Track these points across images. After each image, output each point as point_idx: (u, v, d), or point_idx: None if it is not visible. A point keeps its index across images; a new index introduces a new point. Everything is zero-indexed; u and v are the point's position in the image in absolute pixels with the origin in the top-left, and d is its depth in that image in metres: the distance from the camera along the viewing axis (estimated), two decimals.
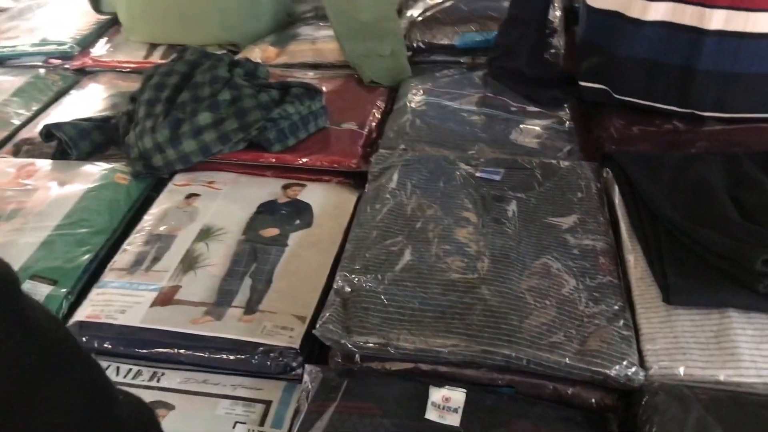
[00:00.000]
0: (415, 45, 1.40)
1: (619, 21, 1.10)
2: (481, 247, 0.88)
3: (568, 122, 1.18)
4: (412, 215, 0.94)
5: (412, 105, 1.22)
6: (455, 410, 0.74)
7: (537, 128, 1.17)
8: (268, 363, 0.82)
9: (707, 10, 1.02)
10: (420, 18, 1.44)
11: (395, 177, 1.01)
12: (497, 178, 1.02)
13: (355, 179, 1.11)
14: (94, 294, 0.92)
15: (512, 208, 0.95)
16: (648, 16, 1.06)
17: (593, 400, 0.75)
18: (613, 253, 0.89)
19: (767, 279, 0.75)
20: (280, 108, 1.13)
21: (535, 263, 0.86)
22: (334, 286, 0.83)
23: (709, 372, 0.73)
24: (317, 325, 0.78)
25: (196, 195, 1.08)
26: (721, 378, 0.72)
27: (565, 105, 1.23)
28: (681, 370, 0.73)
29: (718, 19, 1.02)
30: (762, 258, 0.75)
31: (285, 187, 1.09)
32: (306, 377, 0.78)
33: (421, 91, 1.27)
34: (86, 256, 0.98)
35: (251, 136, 1.11)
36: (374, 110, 1.25)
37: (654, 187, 0.94)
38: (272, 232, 1.00)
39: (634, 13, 1.08)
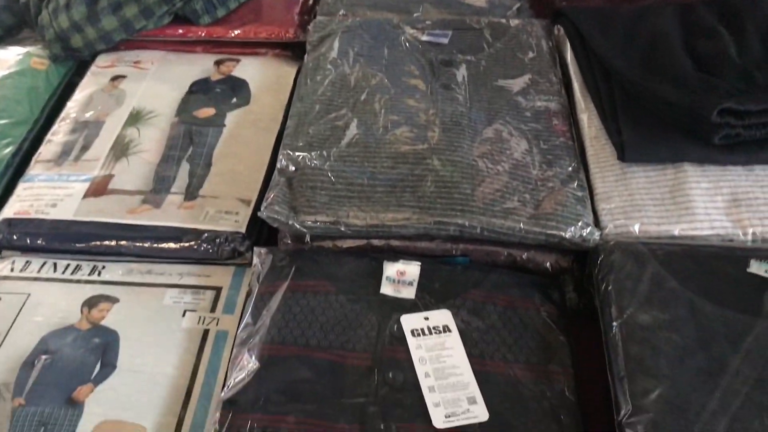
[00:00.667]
0: None
1: None
2: (430, 115, 0.83)
3: None
4: (357, 86, 0.88)
5: None
6: (410, 283, 0.72)
7: None
8: (215, 249, 0.78)
9: None
10: None
11: (336, 45, 0.95)
12: (445, 41, 0.96)
13: (294, 50, 1.04)
14: (21, 189, 0.86)
15: (461, 72, 0.90)
16: None
17: (548, 264, 0.74)
18: (567, 114, 0.86)
19: (722, 130, 0.73)
20: None
21: (486, 129, 0.82)
22: (278, 166, 0.79)
23: (664, 227, 0.72)
24: (262, 207, 0.74)
25: (122, 77, 1.00)
26: (676, 233, 0.72)
27: None
28: (636, 228, 0.72)
29: None
30: (717, 109, 0.72)
31: (217, 63, 1.01)
32: (255, 260, 0.75)
33: None
34: (8, 150, 0.91)
35: (176, 8, 1.01)
36: None
37: (607, 42, 0.89)
38: (208, 112, 0.93)
39: None
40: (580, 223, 0.72)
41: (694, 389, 0.59)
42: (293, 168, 0.78)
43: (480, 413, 0.63)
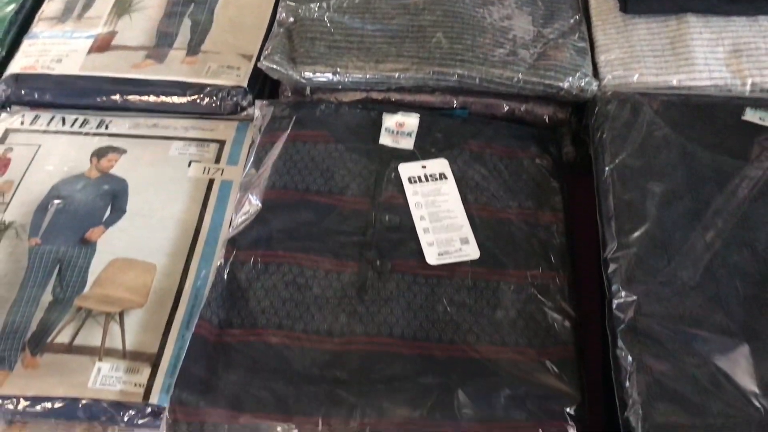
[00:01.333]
0: None
1: None
2: None
3: None
4: None
5: None
6: (409, 134, 0.73)
7: None
8: (217, 103, 0.79)
9: None
10: None
11: None
12: None
13: None
14: (26, 45, 0.87)
15: None
16: None
17: (546, 116, 0.75)
18: None
19: None
20: None
21: None
22: (277, 18, 0.79)
23: (663, 78, 0.72)
24: (261, 58, 0.75)
25: None
26: (674, 83, 0.72)
27: None
28: (635, 78, 0.72)
29: None
30: None
31: None
32: (257, 112, 0.76)
33: None
34: (10, 7, 0.91)
35: None
36: None
37: None
38: None
39: None
40: (578, 74, 0.72)
41: (678, 228, 0.61)
42: (292, 19, 0.78)
43: (471, 251, 0.65)
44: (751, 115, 0.68)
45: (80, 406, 0.60)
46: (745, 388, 0.52)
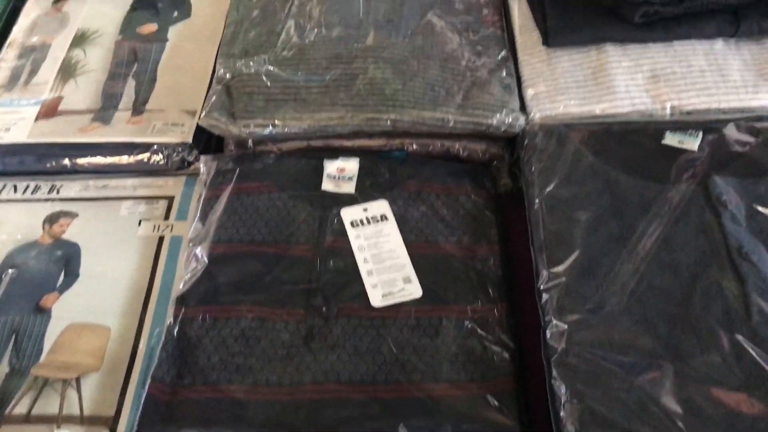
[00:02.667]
0: None
1: None
2: (364, 14, 0.85)
3: None
4: None
5: None
6: (350, 178, 0.76)
7: None
8: (164, 160, 0.82)
9: None
10: None
11: None
12: None
13: None
14: None
15: None
16: None
17: (481, 151, 0.78)
18: (498, 3, 0.87)
19: (642, 8, 0.75)
20: None
21: (418, 25, 0.84)
22: (216, 74, 0.81)
23: (587, 108, 0.75)
24: (201, 116, 0.77)
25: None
26: (598, 112, 0.75)
27: None
28: (560, 110, 0.76)
29: None
30: None
31: None
32: (202, 167, 0.79)
33: None
34: None
35: None
36: None
37: None
38: (150, 28, 0.95)
39: None
40: (505, 110, 0.75)
41: (605, 254, 0.64)
42: (230, 75, 0.80)
43: (414, 290, 0.68)
44: (670, 139, 0.71)
45: None
46: (669, 409, 0.54)
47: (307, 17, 0.86)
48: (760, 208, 0.65)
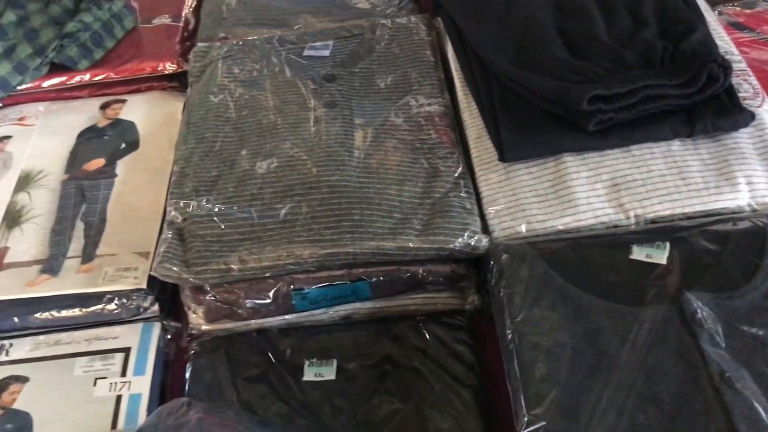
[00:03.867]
0: None
1: None
2: (315, 141, 0.83)
3: None
4: (240, 119, 0.87)
5: None
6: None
7: None
8: (118, 310, 0.78)
9: None
10: None
11: (217, 74, 0.93)
12: (326, 53, 0.95)
13: (181, 81, 1.02)
14: None
15: (344, 86, 0.90)
16: None
17: (444, 274, 0.75)
18: (451, 116, 0.86)
19: (595, 117, 0.74)
20: (75, 20, 1.00)
21: (372, 145, 0.82)
22: (167, 218, 0.78)
23: (550, 223, 0.73)
24: (153, 265, 0.74)
25: (8, 137, 0.98)
26: (561, 227, 0.73)
27: None
28: (523, 228, 0.73)
29: None
30: (587, 97, 0.73)
31: (103, 107, 0.99)
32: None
33: None
34: None
35: (50, 59, 0.99)
36: None
37: (482, 32, 0.89)
38: (97, 164, 0.92)
39: None
40: (467, 233, 0.73)
41: (584, 390, 0.61)
42: (181, 218, 0.77)
43: None
44: (638, 253, 0.69)
45: None
46: None
47: (256, 147, 0.83)
48: (737, 326, 0.62)
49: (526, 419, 0.60)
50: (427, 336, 0.74)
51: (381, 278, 0.75)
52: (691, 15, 0.85)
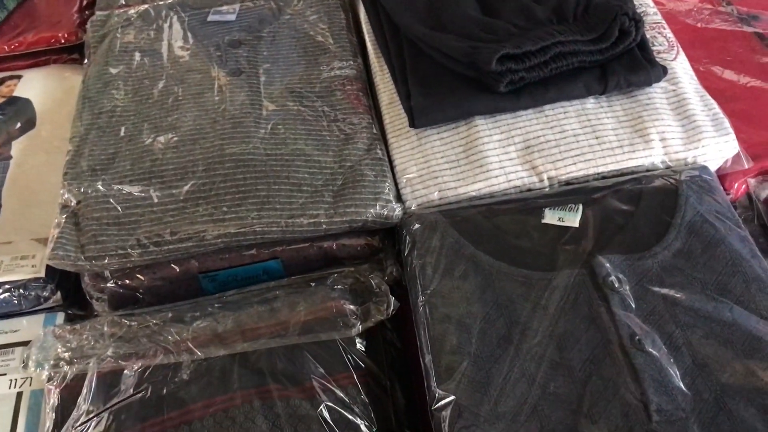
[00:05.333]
0: None
1: None
2: (219, 112, 0.78)
3: None
4: (141, 90, 0.82)
5: None
6: None
7: None
8: (16, 300, 0.73)
9: None
10: None
11: (116, 44, 0.88)
12: (232, 17, 0.90)
13: (82, 53, 0.96)
14: None
15: (250, 53, 0.85)
16: None
17: (359, 247, 0.73)
18: (363, 80, 0.83)
19: (506, 77, 0.71)
20: None
21: (279, 114, 0.78)
22: (59, 201, 0.73)
23: (462, 189, 0.71)
24: (47, 252, 0.69)
25: None
26: (474, 193, 0.71)
27: None
28: (436, 195, 0.71)
29: None
30: (496, 57, 0.70)
31: None
32: None
33: None
34: None
35: None
36: None
37: None
38: None
39: None
40: (379, 203, 0.70)
41: (495, 361, 0.59)
42: (75, 200, 0.73)
43: None
44: (550, 217, 0.67)
45: None
46: None
47: (156, 121, 0.79)
48: (648, 286, 0.61)
49: (436, 394, 0.58)
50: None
51: (293, 256, 0.72)
52: None
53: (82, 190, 0.73)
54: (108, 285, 0.71)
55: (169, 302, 0.71)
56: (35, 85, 0.92)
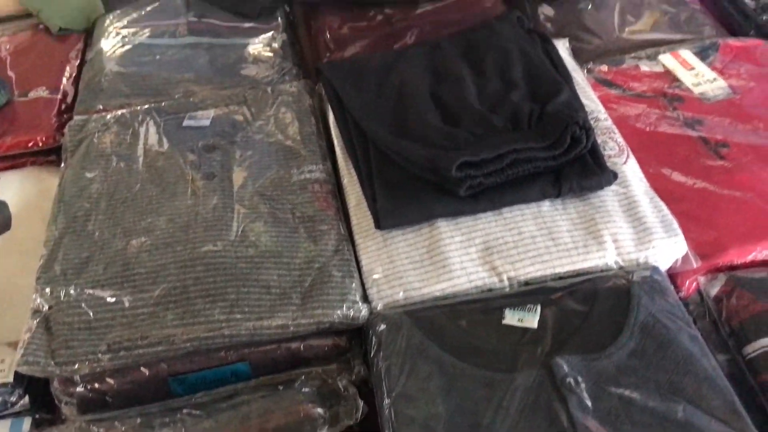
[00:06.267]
0: None
1: None
2: (192, 215, 0.81)
3: (279, 36, 1.10)
4: (116, 194, 0.85)
5: (107, 51, 1.09)
6: None
7: (250, 48, 1.09)
8: None
9: None
10: None
11: (93, 149, 0.91)
12: (206, 123, 0.94)
13: (59, 156, 0.99)
14: None
15: (224, 157, 0.89)
16: None
17: (326, 347, 0.74)
18: (332, 183, 0.86)
19: (465, 182, 0.75)
20: None
21: (250, 216, 0.81)
22: (31, 306, 0.74)
23: (426, 290, 0.73)
24: (17, 358, 0.70)
25: None
26: (438, 293, 0.73)
27: (278, 14, 1.15)
28: (401, 295, 0.73)
29: None
30: (456, 164, 0.74)
31: None
32: None
33: (118, 31, 1.13)
34: None
35: None
36: (68, 66, 1.10)
37: (361, 98, 0.90)
38: None
39: None
40: (345, 304, 0.72)
41: None
42: (47, 305, 0.74)
43: None
44: (510, 318, 0.70)
45: None
46: None
47: (130, 224, 0.81)
48: (605, 387, 0.63)
49: None
50: None
51: (261, 358, 0.73)
52: (558, 76, 0.88)
53: (54, 295, 0.74)
54: (77, 389, 0.71)
55: (138, 405, 0.72)
56: (11, 187, 0.94)
